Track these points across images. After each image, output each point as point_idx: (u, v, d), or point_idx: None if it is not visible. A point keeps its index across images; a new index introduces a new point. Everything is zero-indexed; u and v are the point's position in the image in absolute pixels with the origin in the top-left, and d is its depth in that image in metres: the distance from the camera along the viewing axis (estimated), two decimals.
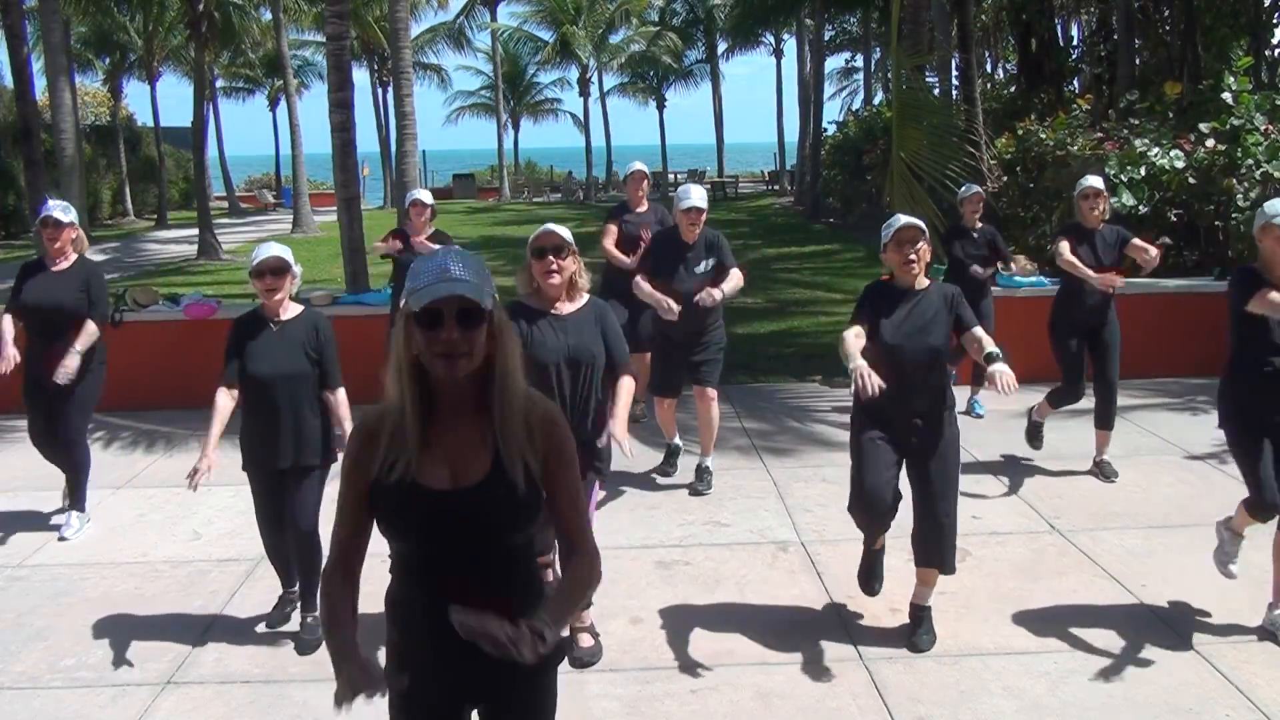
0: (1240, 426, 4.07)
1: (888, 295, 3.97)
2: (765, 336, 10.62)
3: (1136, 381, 7.99)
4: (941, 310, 3.92)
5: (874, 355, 3.90)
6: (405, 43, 12.09)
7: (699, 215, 5.65)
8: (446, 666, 2.13)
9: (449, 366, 1.97)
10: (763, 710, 3.61)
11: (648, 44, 38.37)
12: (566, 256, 3.85)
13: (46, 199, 5.59)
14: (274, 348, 4.03)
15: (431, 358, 1.98)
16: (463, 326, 1.96)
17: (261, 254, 4.02)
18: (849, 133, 24.51)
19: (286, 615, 4.32)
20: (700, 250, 5.73)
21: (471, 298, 1.96)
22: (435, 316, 1.95)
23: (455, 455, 2.06)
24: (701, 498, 5.82)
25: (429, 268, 1.99)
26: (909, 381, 3.88)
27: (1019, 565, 4.81)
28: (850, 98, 42.35)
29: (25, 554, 5.18)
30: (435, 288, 1.95)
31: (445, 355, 1.97)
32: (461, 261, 2.00)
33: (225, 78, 38.93)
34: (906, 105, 9.08)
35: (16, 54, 12.70)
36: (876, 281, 4.11)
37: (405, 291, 2.00)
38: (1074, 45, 22.43)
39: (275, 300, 4.04)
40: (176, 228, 27.63)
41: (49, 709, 3.70)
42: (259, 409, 4.04)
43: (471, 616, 1.83)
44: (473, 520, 2.05)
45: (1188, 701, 3.58)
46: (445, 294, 1.94)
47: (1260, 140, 9.61)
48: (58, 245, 5.31)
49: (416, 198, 7.04)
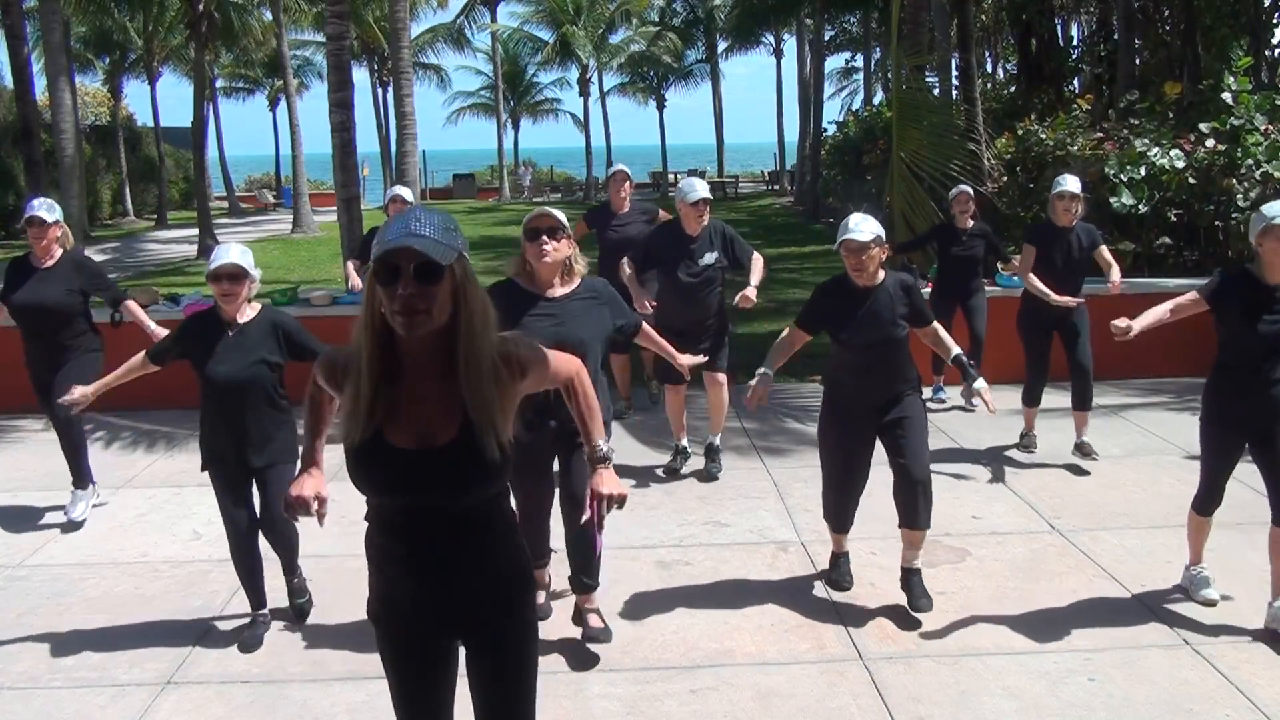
0: (1219, 429, 4.12)
1: (842, 293, 4.16)
2: (765, 336, 10.56)
3: (1136, 381, 7.99)
4: (897, 301, 4.11)
5: (837, 352, 4.22)
6: (405, 43, 12.12)
7: (705, 206, 5.77)
8: (428, 603, 2.19)
9: (408, 323, 1.96)
10: (763, 710, 3.61)
11: (648, 44, 38.37)
12: (561, 238, 3.78)
13: (31, 198, 5.60)
14: (232, 353, 3.99)
15: (391, 314, 1.97)
16: (420, 281, 1.94)
17: (219, 258, 3.97)
18: (849, 133, 24.48)
19: (259, 638, 4.16)
20: (705, 242, 5.81)
21: (426, 253, 1.92)
22: (393, 272, 1.94)
23: (424, 416, 2.06)
24: (702, 497, 5.82)
25: (395, 225, 1.99)
26: (873, 372, 4.15)
27: (1019, 565, 4.81)
28: (850, 98, 42.39)
29: (25, 554, 5.18)
30: (393, 242, 1.94)
31: (403, 312, 1.95)
32: (426, 218, 1.99)
33: (225, 78, 38.95)
34: (906, 105, 9.10)
35: (16, 54, 12.72)
36: (830, 280, 4.26)
37: (372, 250, 2.02)
38: (1074, 45, 22.42)
39: (232, 306, 4.01)
40: (176, 228, 27.64)
41: (49, 709, 3.70)
42: (219, 413, 4.02)
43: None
44: (440, 480, 2.07)
45: (1188, 701, 3.58)
46: (399, 245, 1.92)
47: (1260, 140, 9.61)
48: (44, 244, 5.33)
49: (397, 194, 7.02)
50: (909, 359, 4.25)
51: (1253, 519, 4.81)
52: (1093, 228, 6.38)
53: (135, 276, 16.61)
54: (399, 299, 1.94)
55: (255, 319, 4.08)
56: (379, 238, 2.01)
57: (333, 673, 3.91)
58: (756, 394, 4.20)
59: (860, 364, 4.14)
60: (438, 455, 2.05)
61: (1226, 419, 4.08)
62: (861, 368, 4.14)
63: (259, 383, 4.02)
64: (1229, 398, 4.06)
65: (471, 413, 2.04)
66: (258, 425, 4.03)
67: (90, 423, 7.39)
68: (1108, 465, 6.19)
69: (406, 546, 2.16)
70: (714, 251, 5.81)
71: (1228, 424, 4.08)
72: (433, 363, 2.05)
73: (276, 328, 4.07)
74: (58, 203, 5.68)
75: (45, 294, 5.32)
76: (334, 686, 3.81)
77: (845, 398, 4.24)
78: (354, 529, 5.26)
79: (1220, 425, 4.11)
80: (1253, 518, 4.77)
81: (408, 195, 6.98)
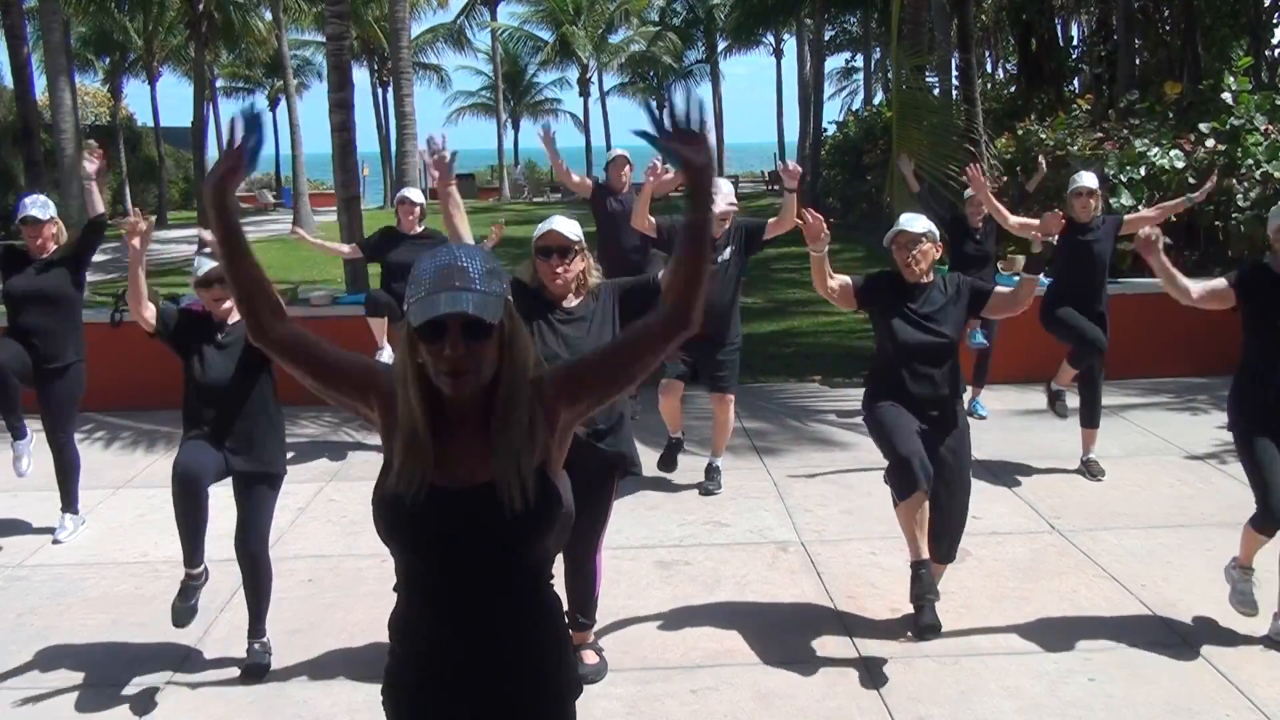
0: (1245, 430, 3.98)
1: (893, 288, 4.03)
2: (765, 336, 10.61)
3: (1136, 381, 7.99)
4: (950, 301, 3.99)
5: (885, 350, 4.04)
6: (405, 43, 12.11)
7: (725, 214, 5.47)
8: (448, 693, 1.91)
9: (455, 386, 1.79)
10: (763, 710, 3.61)
11: (648, 44, 38.39)
12: (572, 259, 3.65)
13: (23, 197, 5.57)
14: (221, 358, 3.90)
15: (437, 374, 1.79)
16: (469, 340, 1.76)
17: (206, 264, 3.86)
18: (849, 133, 24.51)
19: (193, 609, 3.94)
20: (723, 241, 5.57)
21: (476, 314, 1.74)
22: (438, 330, 1.75)
23: (462, 457, 1.86)
24: (702, 497, 5.82)
25: (431, 272, 1.77)
26: (921, 374, 3.96)
27: (1019, 565, 4.81)
28: (850, 98, 42.38)
29: (25, 554, 5.18)
30: (436, 299, 1.74)
31: (451, 374, 1.77)
32: (468, 263, 1.77)
33: (225, 78, 38.94)
34: (906, 105, 9.10)
35: (16, 54, 12.70)
36: (884, 273, 4.14)
37: (407, 297, 1.81)
38: (1074, 45, 22.43)
39: (224, 310, 3.91)
40: (176, 228, 27.62)
41: (49, 709, 3.70)
42: (205, 416, 3.93)
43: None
44: (476, 522, 1.84)
45: (1188, 701, 3.58)
46: (446, 310, 1.73)
47: (1260, 140, 9.61)
48: (39, 242, 5.31)
49: (405, 196, 6.93)
50: (958, 367, 4.09)
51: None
52: (1114, 218, 6.25)
53: None
54: (445, 360, 1.76)
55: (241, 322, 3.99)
56: (417, 289, 1.77)
57: (333, 673, 3.91)
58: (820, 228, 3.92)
59: (906, 364, 3.96)
60: (474, 494, 1.85)
61: (1251, 422, 3.93)
62: (907, 369, 3.96)
63: (246, 388, 3.90)
64: (1248, 399, 3.96)
65: (494, 462, 1.83)
66: (245, 430, 3.90)
67: (90, 423, 7.41)
68: (1108, 465, 6.18)
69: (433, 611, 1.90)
70: (730, 246, 5.61)
71: (1253, 425, 3.92)
72: (472, 409, 1.87)
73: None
74: (58, 202, 5.66)
75: (44, 283, 5.29)
76: (334, 686, 3.81)
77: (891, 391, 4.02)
78: (354, 529, 5.30)
79: (1245, 426, 3.96)
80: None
81: (416, 196, 6.93)
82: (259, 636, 4.01)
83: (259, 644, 4.00)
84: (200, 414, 3.94)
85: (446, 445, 1.86)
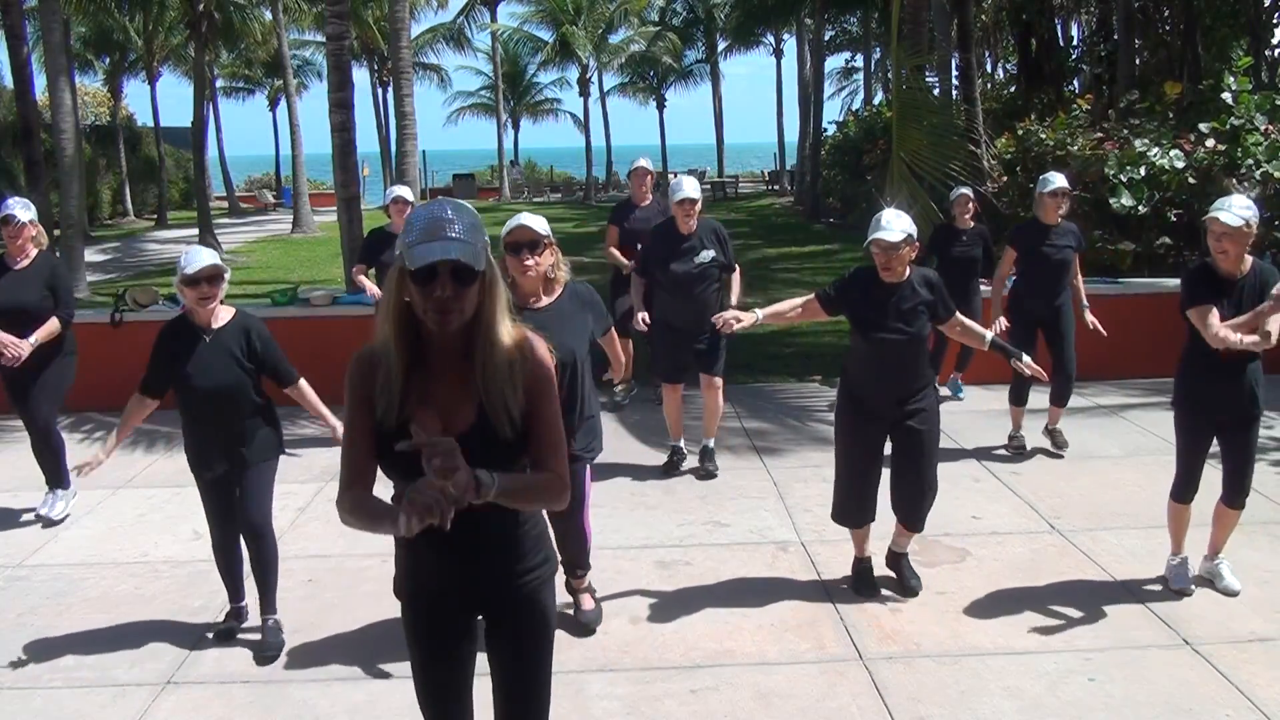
0: (1188, 413, 4.27)
1: (870, 284, 4.17)
2: (765, 336, 10.60)
3: (1136, 381, 7.99)
4: (922, 301, 4.15)
5: (856, 344, 4.27)
6: (405, 43, 12.11)
7: (692, 206, 5.84)
8: (452, 581, 2.28)
9: (442, 322, 2.04)
10: (763, 710, 3.61)
11: (648, 44, 38.33)
12: (542, 251, 3.72)
13: (5, 197, 5.57)
14: (209, 360, 3.86)
15: (424, 312, 2.04)
16: (456, 284, 2.02)
17: (195, 262, 3.77)
18: (849, 133, 24.51)
19: (233, 630, 4.17)
20: (699, 240, 5.88)
21: (466, 262, 2.00)
22: (430, 273, 2.00)
23: (444, 404, 2.13)
24: (702, 497, 5.82)
25: (424, 221, 2.03)
26: (890, 368, 4.18)
27: (1019, 565, 4.81)
28: (850, 98, 42.38)
29: (25, 554, 5.18)
30: (430, 247, 1.99)
31: (439, 311, 2.03)
32: (457, 218, 2.03)
33: (225, 78, 38.94)
34: (906, 105, 9.09)
35: (16, 54, 12.71)
36: (859, 271, 4.26)
37: (399, 243, 2.04)
38: (1074, 45, 22.46)
39: (209, 309, 3.87)
40: (176, 228, 27.64)
41: (49, 709, 3.70)
42: (200, 421, 3.93)
43: (422, 437, 1.93)
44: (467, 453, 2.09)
45: (1188, 701, 3.58)
46: (440, 257, 1.99)
47: (1260, 140, 9.61)
48: (18, 243, 5.33)
49: (397, 194, 6.92)
50: (927, 357, 4.32)
51: (1251, 518, 4.80)
52: (1075, 228, 6.41)
53: (135, 276, 16.59)
54: (434, 300, 2.02)
55: (229, 324, 3.93)
56: (410, 235, 2.03)
57: (333, 673, 3.91)
58: (734, 319, 4.26)
59: (878, 358, 4.18)
60: (458, 439, 2.04)
61: (1195, 406, 4.23)
62: (879, 362, 4.19)
63: (237, 389, 3.90)
64: (1199, 381, 4.21)
65: (485, 400, 2.12)
66: (239, 431, 3.94)
67: (90, 423, 7.41)
68: (1108, 465, 6.19)
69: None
70: (710, 250, 5.88)
71: (1196, 410, 4.23)
72: (453, 350, 2.13)
73: (249, 333, 3.92)
74: (57, 202, 5.67)
75: (19, 295, 5.28)
76: (334, 686, 3.81)
77: (862, 389, 4.28)
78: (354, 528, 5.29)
79: (1189, 409, 4.26)
80: (1251, 517, 4.76)
81: (409, 195, 6.95)
82: (271, 612, 4.11)
83: (272, 620, 4.10)
84: (201, 422, 3.95)
85: (430, 392, 2.13)
